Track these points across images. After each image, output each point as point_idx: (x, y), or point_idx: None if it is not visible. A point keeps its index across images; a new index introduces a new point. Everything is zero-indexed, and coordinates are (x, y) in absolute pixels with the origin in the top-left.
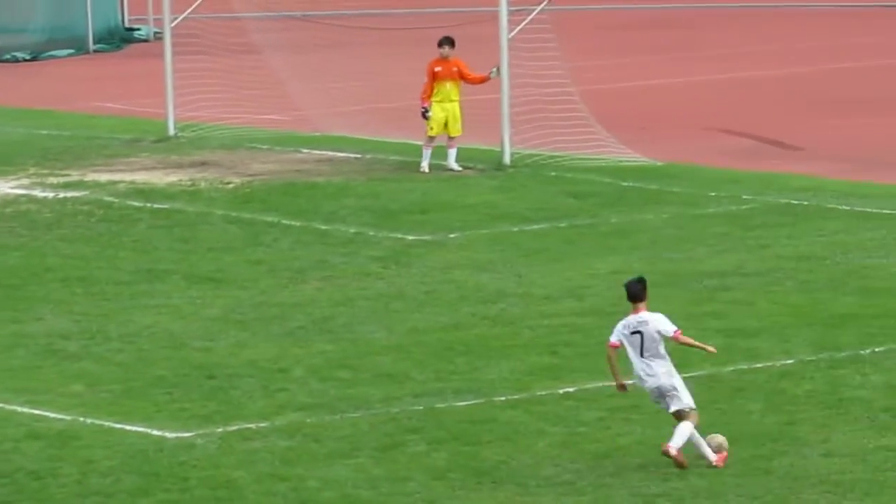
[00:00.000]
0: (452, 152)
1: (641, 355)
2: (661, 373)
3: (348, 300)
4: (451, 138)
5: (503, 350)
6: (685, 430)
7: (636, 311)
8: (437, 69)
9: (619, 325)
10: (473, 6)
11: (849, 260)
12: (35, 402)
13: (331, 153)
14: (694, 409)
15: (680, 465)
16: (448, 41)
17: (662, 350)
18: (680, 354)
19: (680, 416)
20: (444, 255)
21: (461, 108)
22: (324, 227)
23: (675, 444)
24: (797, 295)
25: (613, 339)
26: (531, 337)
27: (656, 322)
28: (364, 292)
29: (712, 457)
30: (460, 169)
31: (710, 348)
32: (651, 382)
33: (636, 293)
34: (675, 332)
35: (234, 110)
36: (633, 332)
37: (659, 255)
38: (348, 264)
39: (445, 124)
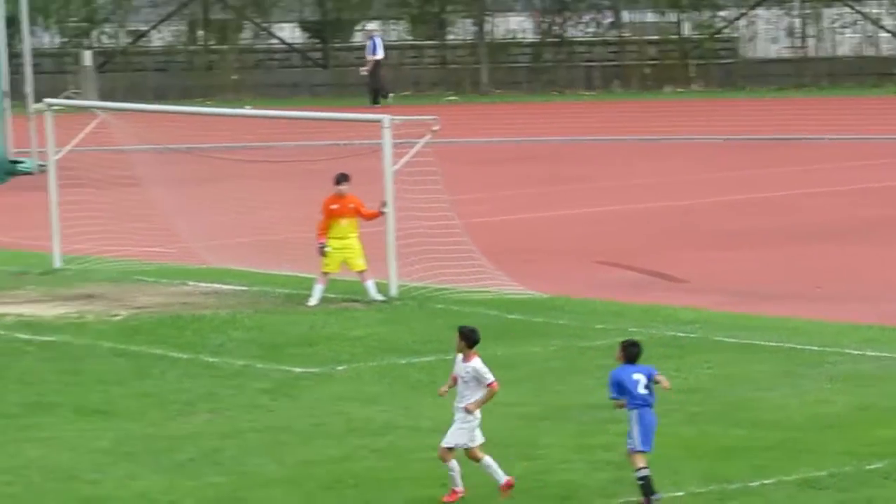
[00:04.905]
0: (369, 284)
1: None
2: None
3: (238, 432)
4: (359, 273)
5: (393, 482)
6: None
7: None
8: (334, 206)
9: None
10: (357, 139)
11: (736, 392)
12: None
13: (217, 286)
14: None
15: None
16: (345, 178)
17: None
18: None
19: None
20: (332, 388)
21: (360, 241)
22: (211, 360)
23: None
24: (686, 427)
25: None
26: (421, 468)
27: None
28: (253, 424)
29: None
30: (383, 298)
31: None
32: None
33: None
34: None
35: (119, 243)
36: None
37: (547, 388)
38: (237, 396)
39: (344, 262)
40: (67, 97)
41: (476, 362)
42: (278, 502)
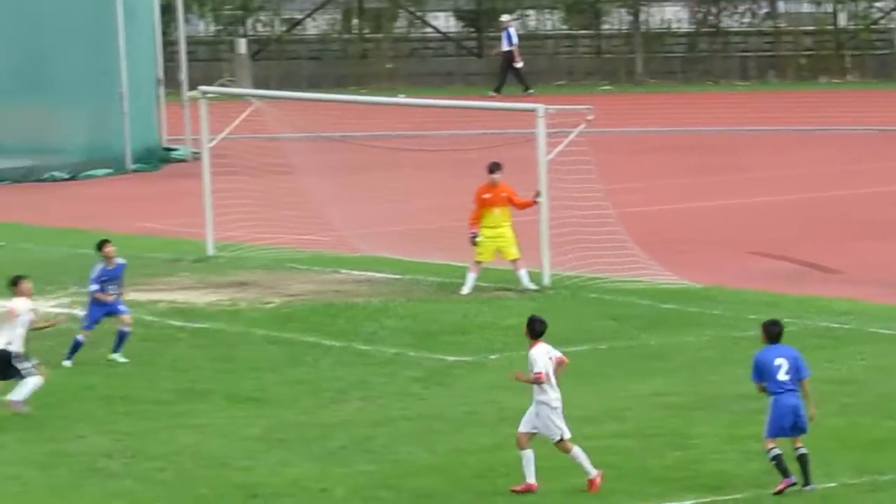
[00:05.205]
0: (522, 273)
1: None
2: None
3: (389, 420)
4: (513, 262)
5: (544, 471)
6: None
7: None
8: (486, 196)
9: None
10: (511, 129)
11: (890, 384)
12: None
13: (370, 274)
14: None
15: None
16: (498, 167)
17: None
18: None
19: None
20: (484, 377)
21: (513, 230)
22: (364, 348)
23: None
24: (838, 418)
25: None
26: (572, 458)
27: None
28: (405, 412)
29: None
30: (536, 287)
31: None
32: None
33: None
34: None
35: (272, 230)
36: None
37: (699, 378)
38: (389, 384)
39: (497, 251)
40: (222, 85)
41: (533, 349)
42: (429, 490)
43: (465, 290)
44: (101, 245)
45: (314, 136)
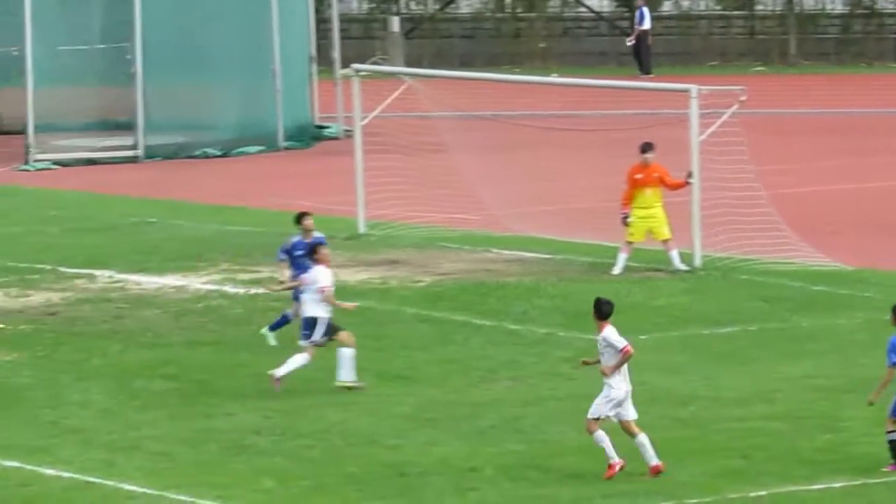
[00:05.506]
0: (673, 254)
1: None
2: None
3: (539, 400)
4: (664, 242)
5: (694, 453)
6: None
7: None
8: (638, 176)
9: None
10: (661, 108)
11: None
12: (226, 497)
13: (521, 253)
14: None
15: None
16: (650, 147)
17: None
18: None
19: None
20: (634, 357)
21: (665, 210)
22: (514, 327)
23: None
24: None
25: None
26: (722, 440)
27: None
28: (554, 392)
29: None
30: (687, 268)
31: None
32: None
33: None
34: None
35: (423, 209)
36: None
37: (850, 360)
38: (539, 364)
39: (649, 231)
40: (374, 63)
41: (606, 331)
42: (577, 471)
43: (616, 270)
44: (300, 217)
45: (466, 114)
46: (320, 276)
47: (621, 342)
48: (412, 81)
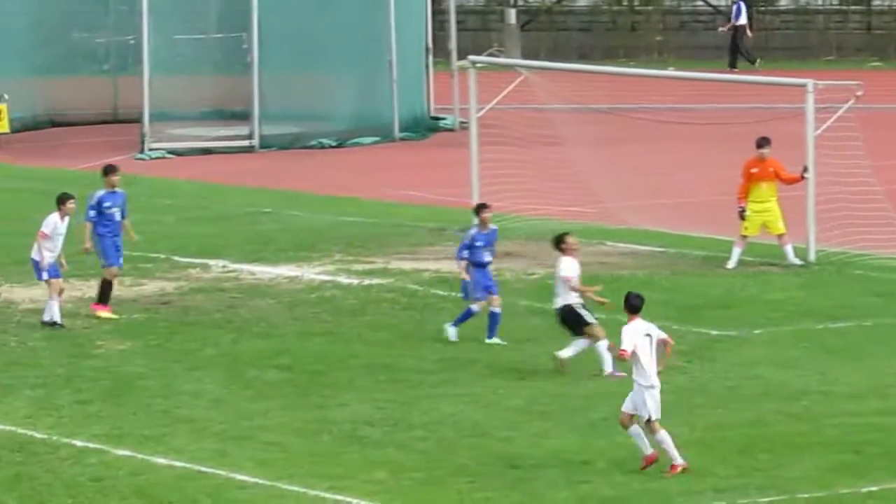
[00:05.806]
0: (788, 248)
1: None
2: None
3: None
4: (779, 237)
5: (806, 447)
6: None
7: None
8: (754, 170)
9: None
10: (777, 103)
11: None
12: (338, 488)
13: (635, 246)
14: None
15: None
16: (766, 141)
17: None
18: None
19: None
20: (748, 351)
21: (780, 205)
22: None
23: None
24: None
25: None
26: (834, 435)
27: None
28: (666, 386)
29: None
30: (801, 263)
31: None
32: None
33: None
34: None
35: (538, 201)
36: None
37: None
38: None
39: (764, 225)
40: (491, 55)
41: (627, 326)
42: (689, 464)
43: (731, 264)
44: (478, 209)
45: (582, 107)
46: (565, 266)
47: (623, 342)
48: (528, 74)
